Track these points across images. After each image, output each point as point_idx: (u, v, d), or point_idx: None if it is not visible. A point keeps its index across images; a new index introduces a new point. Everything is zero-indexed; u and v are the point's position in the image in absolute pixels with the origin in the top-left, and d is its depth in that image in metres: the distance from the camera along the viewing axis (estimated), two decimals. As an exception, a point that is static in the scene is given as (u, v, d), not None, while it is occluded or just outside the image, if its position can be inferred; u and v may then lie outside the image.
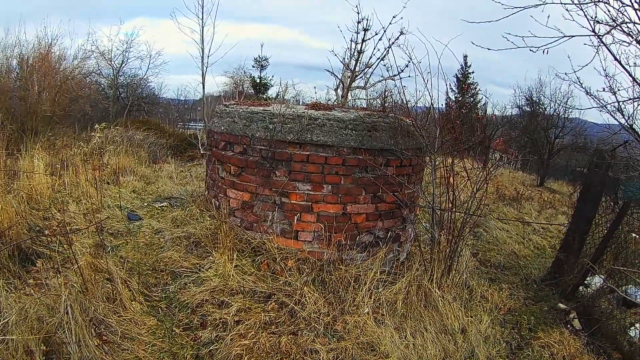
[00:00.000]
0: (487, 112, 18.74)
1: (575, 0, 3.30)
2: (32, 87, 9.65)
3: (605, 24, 3.32)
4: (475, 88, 25.49)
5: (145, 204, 5.55)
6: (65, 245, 3.72)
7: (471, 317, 3.71)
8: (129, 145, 8.13)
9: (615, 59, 3.46)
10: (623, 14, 3.27)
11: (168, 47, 49.69)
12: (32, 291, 3.16)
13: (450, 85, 24.65)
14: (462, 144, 4.11)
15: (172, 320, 3.29)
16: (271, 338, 3.11)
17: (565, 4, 3.31)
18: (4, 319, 2.66)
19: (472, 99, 24.64)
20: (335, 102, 6.04)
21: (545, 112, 16.47)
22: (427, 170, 4.56)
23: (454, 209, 3.97)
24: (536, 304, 4.43)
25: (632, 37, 3.28)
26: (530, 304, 4.41)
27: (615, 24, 3.26)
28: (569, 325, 4.10)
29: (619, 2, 3.24)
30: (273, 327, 3.26)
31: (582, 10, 3.31)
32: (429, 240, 4.42)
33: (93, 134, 7.58)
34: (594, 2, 3.28)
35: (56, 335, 2.72)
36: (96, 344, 2.81)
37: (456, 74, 26.90)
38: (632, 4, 3.20)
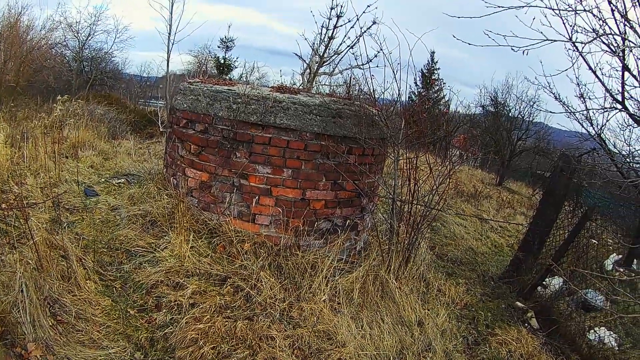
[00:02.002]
0: (451, 109, 18.95)
1: (556, 8, 3.25)
2: (-2, 55, 9.32)
3: (584, 33, 3.29)
4: (441, 84, 25.83)
5: (102, 179, 5.38)
6: (21, 220, 3.57)
7: (428, 310, 3.77)
8: (89, 120, 7.89)
9: (591, 69, 3.45)
10: (602, 26, 3.22)
11: (136, 22, 48.71)
12: (-13, 267, 3.03)
13: (415, 79, 25.04)
14: (425, 137, 4.14)
15: (127, 301, 3.23)
16: (227, 323, 3.07)
17: (547, 8, 3.24)
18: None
19: (436, 95, 24.95)
20: (301, 87, 5.97)
21: (510, 114, 16.82)
22: (388, 161, 4.56)
23: (414, 201, 3.99)
24: (493, 300, 4.50)
25: (611, 49, 3.25)
26: (487, 300, 4.48)
27: (595, 36, 3.22)
28: (526, 324, 4.17)
29: (596, 17, 3.20)
30: (228, 311, 3.22)
31: (562, 18, 3.28)
32: (387, 230, 4.43)
33: (55, 105, 7.32)
34: (575, 11, 3.22)
35: (11, 315, 2.64)
36: (50, 324, 2.75)
37: (422, 69, 27.19)
38: (613, 16, 3.15)
